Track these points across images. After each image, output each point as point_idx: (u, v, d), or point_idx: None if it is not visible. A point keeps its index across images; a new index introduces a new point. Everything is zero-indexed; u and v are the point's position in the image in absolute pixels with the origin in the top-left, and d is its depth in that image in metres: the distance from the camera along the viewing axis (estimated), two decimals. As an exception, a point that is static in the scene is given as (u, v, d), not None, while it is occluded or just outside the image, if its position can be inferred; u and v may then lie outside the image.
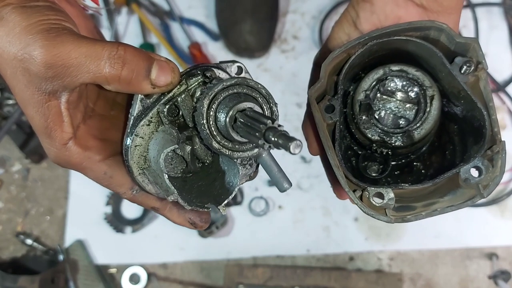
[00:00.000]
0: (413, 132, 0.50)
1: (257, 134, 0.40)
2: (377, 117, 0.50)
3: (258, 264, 1.12)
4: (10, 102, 1.15)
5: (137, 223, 1.14)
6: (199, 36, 1.28)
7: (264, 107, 0.45)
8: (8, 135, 1.12)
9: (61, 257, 1.11)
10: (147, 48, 1.24)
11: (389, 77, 0.50)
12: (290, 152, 0.38)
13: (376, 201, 0.49)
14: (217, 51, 1.27)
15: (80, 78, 0.45)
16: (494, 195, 1.17)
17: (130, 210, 1.16)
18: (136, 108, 0.47)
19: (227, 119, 0.42)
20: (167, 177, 0.46)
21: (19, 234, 1.14)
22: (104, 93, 0.50)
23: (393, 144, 0.51)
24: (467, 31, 1.26)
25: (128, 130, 0.48)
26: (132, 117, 0.48)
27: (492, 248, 1.14)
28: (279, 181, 0.47)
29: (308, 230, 1.14)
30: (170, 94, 0.47)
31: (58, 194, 1.17)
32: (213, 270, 1.12)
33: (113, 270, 1.12)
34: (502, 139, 0.47)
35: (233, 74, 0.48)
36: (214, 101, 0.43)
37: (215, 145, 0.44)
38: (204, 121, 0.43)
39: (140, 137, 0.48)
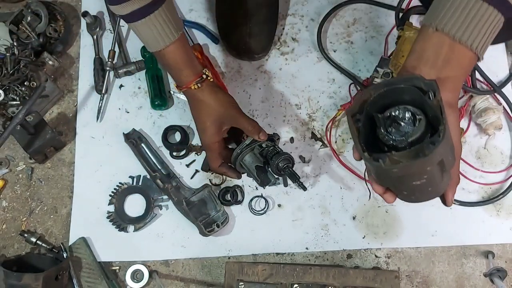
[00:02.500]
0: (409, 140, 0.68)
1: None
2: (390, 132, 0.68)
3: (258, 261, 1.14)
4: (15, 102, 1.17)
5: (139, 222, 1.15)
6: (200, 38, 1.30)
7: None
8: (12, 136, 1.14)
9: (65, 255, 1.13)
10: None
11: (395, 108, 0.68)
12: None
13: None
14: (218, 54, 1.29)
15: (238, 125, 1.05)
16: (490, 194, 1.19)
17: (132, 209, 1.18)
18: (249, 142, 1.07)
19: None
20: (256, 172, 1.07)
21: (23, 232, 1.15)
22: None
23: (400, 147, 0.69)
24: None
25: (239, 150, 1.07)
26: (245, 144, 1.07)
27: (488, 246, 1.16)
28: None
29: (307, 228, 1.16)
30: (260, 143, 1.07)
31: (62, 193, 1.19)
32: (214, 267, 1.14)
33: (116, 268, 1.14)
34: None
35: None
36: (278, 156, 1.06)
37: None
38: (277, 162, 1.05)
39: (246, 153, 1.07)
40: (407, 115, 0.67)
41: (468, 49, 0.72)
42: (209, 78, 1.03)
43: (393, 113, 0.67)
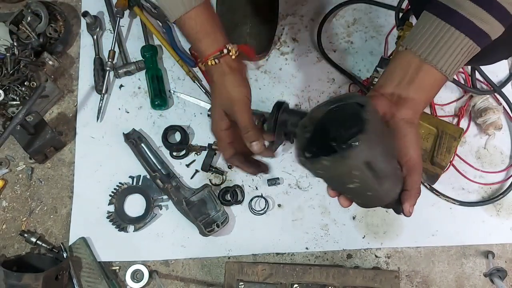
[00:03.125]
0: None
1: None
2: None
3: (258, 261, 1.14)
4: (15, 102, 1.17)
5: (139, 222, 1.16)
6: (200, 38, 1.30)
7: None
8: (12, 136, 1.14)
9: (65, 255, 1.13)
10: (149, 50, 1.26)
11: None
12: None
13: None
14: (217, 53, 1.29)
15: (236, 120, 0.88)
16: (490, 194, 1.19)
17: (132, 209, 1.18)
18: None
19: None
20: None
21: (23, 232, 1.15)
22: None
23: None
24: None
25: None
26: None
27: (488, 246, 1.16)
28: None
29: (307, 228, 1.16)
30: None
31: (62, 193, 1.19)
32: (214, 267, 1.14)
33: (116, 268, 1.14)
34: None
35: None
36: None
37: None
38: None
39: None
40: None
41: (435, 69, 0.76)
42: (230, 54, 0.87)
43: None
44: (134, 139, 1.20)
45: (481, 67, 1.24)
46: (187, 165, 1.21)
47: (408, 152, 0.76)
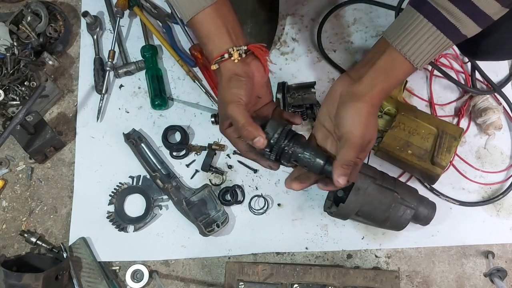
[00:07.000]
0: None
1: None
2: None
3: (258, 261, 1.14)
4: (15, 102, 1.17)
5: (139, 222, 1.16)
6: (200, 38, 1.30)
7: None
8: (12, 136, 1.14)
9: (65, 255, 1.13)
10: (149, 50, 1.26)
11: None
12: None
13: None
14: (217, 53, 1.29)
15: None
16: (490, 194, 1.19)
17: (132, 209, 1.18)
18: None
19: None
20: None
21: (23, 232, 1.15)
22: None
23: None
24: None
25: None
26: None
27: (488, 246, 1.16)
28: None
29: (307, 228, 1.16)
30: None
31: (62, 193, 1.19)
32: (214, 267, 1.14)
33: (116, 268, 1.14)
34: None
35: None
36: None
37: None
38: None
39: None
40: None
41: (400, 54, 0.80)
42: (232, 58, 0.84)
43: None
44: (134, 139, 1.20)
45: (481, 66, 1.24)
46: (187, 165, 1.21)
47: (345, 125, 0.81)
